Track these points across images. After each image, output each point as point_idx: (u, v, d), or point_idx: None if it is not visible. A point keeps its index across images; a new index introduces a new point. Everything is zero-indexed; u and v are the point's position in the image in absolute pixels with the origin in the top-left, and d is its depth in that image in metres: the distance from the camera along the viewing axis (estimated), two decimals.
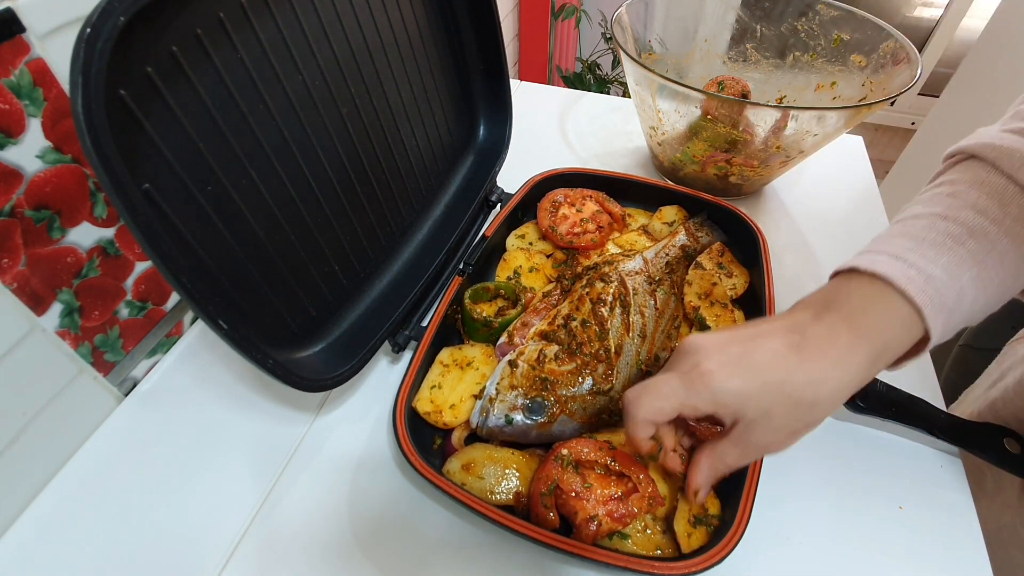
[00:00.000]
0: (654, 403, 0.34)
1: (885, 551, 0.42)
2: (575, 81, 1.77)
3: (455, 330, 0.53)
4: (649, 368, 0.48)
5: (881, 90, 0.64)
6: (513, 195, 0.61)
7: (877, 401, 0.46)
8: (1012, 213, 0.33)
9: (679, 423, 0.39)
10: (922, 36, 2.06)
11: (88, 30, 0.26)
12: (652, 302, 0.51)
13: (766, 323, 0.35)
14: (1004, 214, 0.33)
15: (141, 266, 0.48)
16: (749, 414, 0.33)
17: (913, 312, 0.32)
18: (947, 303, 0.32)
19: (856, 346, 0.32)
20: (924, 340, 0.33)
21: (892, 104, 0.66)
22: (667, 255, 0.56)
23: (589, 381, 0.45)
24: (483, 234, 0.58)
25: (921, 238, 0.33)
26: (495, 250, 0.59)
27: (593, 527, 0.38)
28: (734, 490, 0.39)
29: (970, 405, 0.58)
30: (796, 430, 0.33)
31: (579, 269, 0.56)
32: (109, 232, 0.45)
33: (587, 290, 0.50)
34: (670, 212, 0.62)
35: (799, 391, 0.32)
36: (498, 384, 0.45)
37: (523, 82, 0.92)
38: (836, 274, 0.36)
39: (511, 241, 0.61)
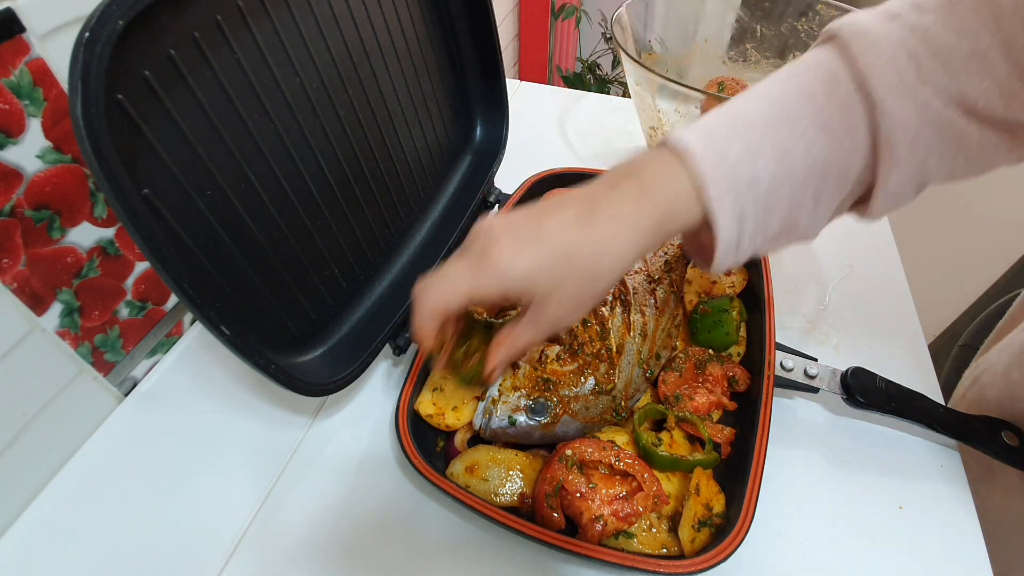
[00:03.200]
0: (442, 292, 0.32)
1: (885, 550, 0.42)
2: (575, 81, 1.77)
3: None
4: (651, 367, 0.48)
5: None
6: (511, 195, 0.61)
7: (877, 396, 0.46)
8: (835, 101, 0.31)
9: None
10: None
11: (87, 34, 0.26)
12: (652, 301, 0.51)
13: (565, 196, 0.34)
14: (826, 101, 0.31)
15: (141, 266, 0.48)
16: (540, 290, 0.32)
17: (696, 189, 0.31)
18: (736, 186, 0.31)
19: (640, 217, 0.32)
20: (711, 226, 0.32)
21: None
22: (666, 254, 0.56)
23: (591, 381, 0.45)
24: None
25: (735, 116, 0.32)
26: None
27: (599, 527, 0.38)
28: (738, 489, 0.39)
29: (962, 397, 0.58)
30: (583, 302, 0.33)
31: None
32: (109, 232, 0.45)
33: None
34: None
35: (585, 262, 0.32)
36: (500, 385, 0.45)
37: (523, 82, 0.92)
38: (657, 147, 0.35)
39: None
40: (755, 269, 0.55)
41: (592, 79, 1.78)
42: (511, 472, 0.41)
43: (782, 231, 0.33)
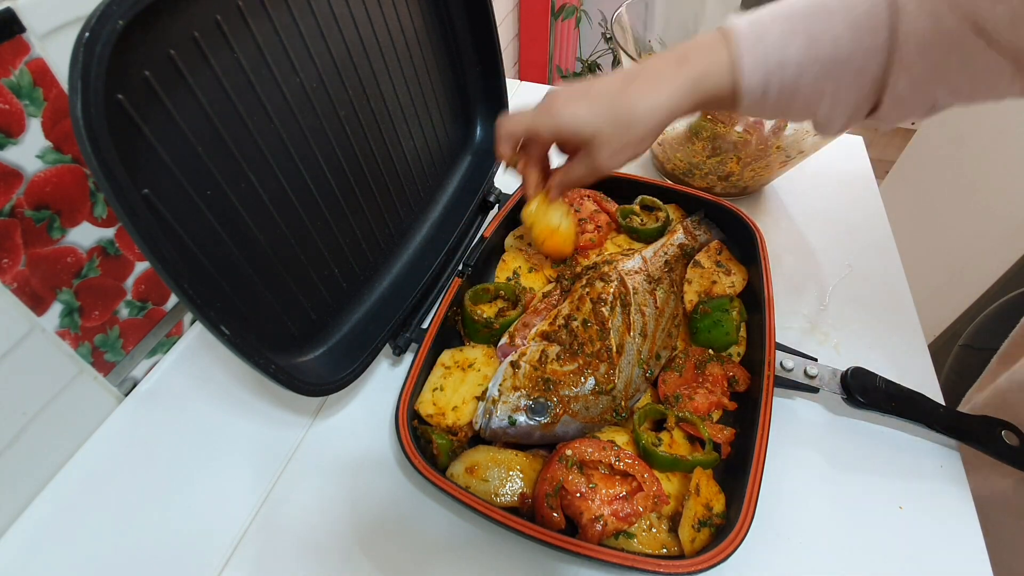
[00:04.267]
0: (512, 121, 0.45)
1: (884, 550, 0.42)
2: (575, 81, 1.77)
3: (456, 332, 0.53)
4: (651, 367, 0.48)
5: None
6: (511, 195, 0.61)
7: (877, 396, 0.46)
8: (866, 3, 0.34)
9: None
10: None
11: (87, 34, 0.26)
12: (652, 301, 0.51)
13: (623, 68, 0.45)
14: (860, 2, 0.35)
15: (141, 266, 0.48)
16: (585, 133, 0.41)
17: (732, 61, 0.37)
18: (767, 65, 0.36)
19: (675, 76, 0.39)
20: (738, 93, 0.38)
21: None
22: (666, 254, 0.56)
23: (591, 381, 0.45)
24: (482, 235, 0.57)
25: (782, 5, 0.37)
26: (494, 251, 0.59)
27: (599, 527, 0.38)
28: (738, 489, 0.39)
29: (978, 398, 0.58)
30: (622, 146, 0.41)
31: (578, 269, 0.56)
32: (109, 232, 0.45)
33: (587, 290, 0.50)
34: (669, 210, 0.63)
35: (621, 109, 0.40)
36: (500, 385, 0.45)
37: (523, 82, 0.92)
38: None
39: (510, 242, 0.61)
40: (755, 269, 0.55)
41: None
42: (511, 472, 0.41)
43: (802, 113, 0.39)
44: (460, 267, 0.55)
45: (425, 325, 0.50)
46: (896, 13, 0.33)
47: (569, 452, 0.40)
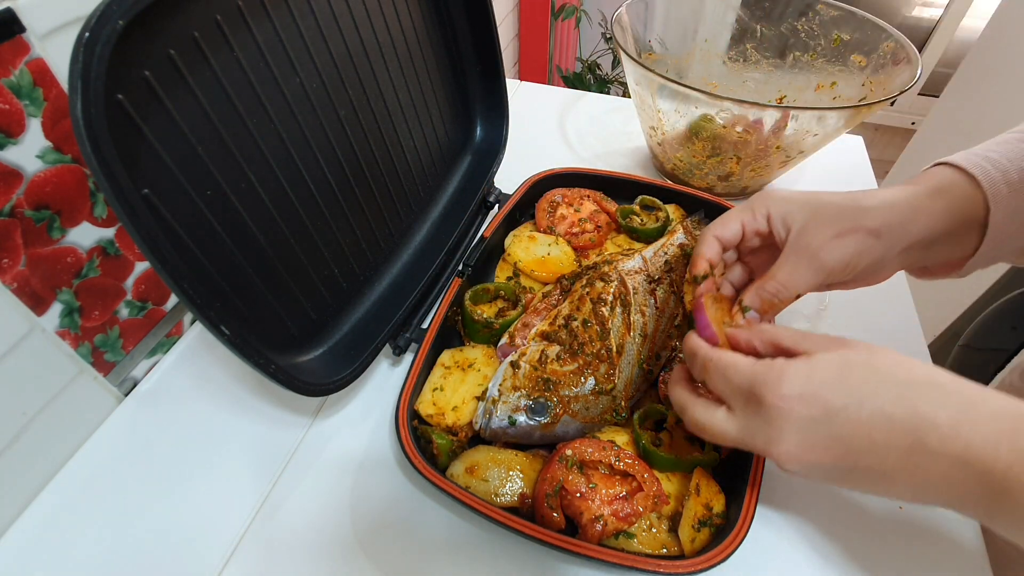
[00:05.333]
0: (720, 222, 0.40)
1: (885, 550, 0.42)
2: (575, 81, 1.77)
3: (456, 332, 0.53)
4: (651, 367, 0.48)
5: (881, 90, 0.64)
6: (511, 195, 0.61)
7: None
8: None
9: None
10: (922, 36, 2.06)
11: (87, 34, 0.26)
12: (652, 301, 0.51)
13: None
14: None
15: (141, 266, 0.48)
16: (800, 218, 0.36)
17: (969, 178, 0.35)
18: (1009, 177, 0.34)
19: (909, 186, 0.36)
20: (988, 215, 0.35)
21: (892, 104, 0.66)
22: (666, 254, 0.56)
23: (591, 381, 0.45)
24: (482, 235, 0.57)
25: (989, 143, 0.37)
26: (494, 251, 0.59)
27: (599, 527, 0.38)
28: (738, 489, 0.39)
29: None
30: (848, 229, 0.35)
31: (578, 269, 0.56)
32: (109, 232, 0.45)
33: (587, 290, 0.50)
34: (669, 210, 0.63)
35: (849, 197, 0.36)
36: (500, 385, 0.45)
37: (523, 82, 0.92)
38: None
39: (509, 241, 0.61)
40: None
41: (592, 79, 1.78)
42: (511, 472, 0.41)
43: None
44: (460, 267, 0.55)
45: (425, 325, 0.50)
46: None
47: (569, 452, 0.41)
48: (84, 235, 0.43)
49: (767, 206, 0.38)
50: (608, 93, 1.16)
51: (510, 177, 0.64)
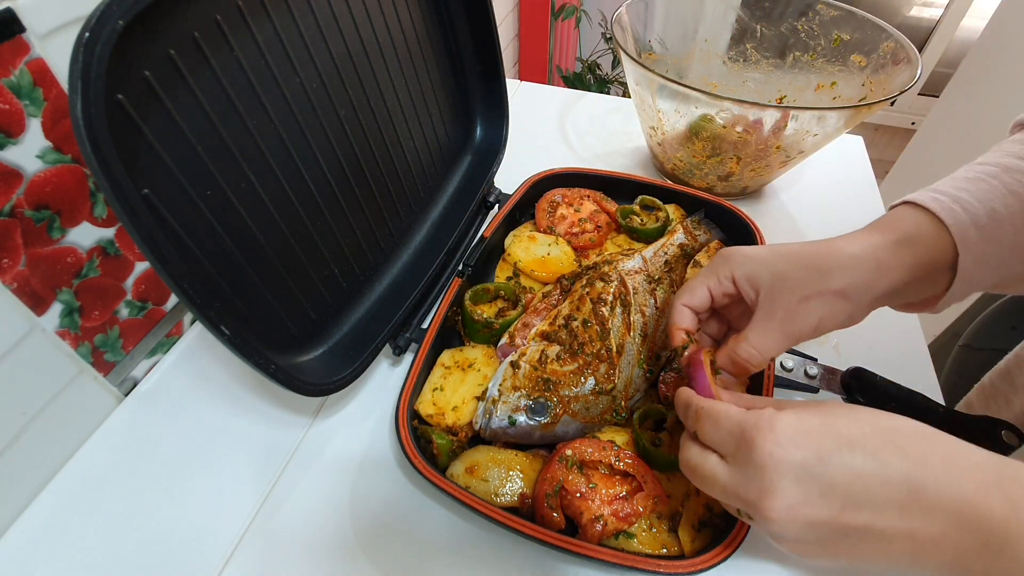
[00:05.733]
0: (687, 291, 0.40)
1: None
2: (575, 81, 1.77)
3: (456, 332, 0.53)
4: (651, 367, 0.48)
5: (881, 90, 0.64)
6: (511, 195, 0.61)
7: (876, 396, 0.46)
8: None
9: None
10: (922, 36, 2.06)
11: (87, 34, 0.26)
12: (652, 301, 0.51)
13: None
14: None
15: (141, 266, 0.48)
16: (766, 279, 0.36)
17: (937, 222, 0.34)
18: (978, 221, 0.33)
19: (875, 235, 0.35)
20: (957, 260, 0.34)
21: (892, 104, 0.66)
22: (666, 254, 0.56)
23: (591, 381, 0.45)
24: (482, 235, 0.57)
25: (958, 176, 0.36)
26: (494, 251, 0.59)
27: (599, 527, 0.38)
28: None
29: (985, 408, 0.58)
30: (815, 293, 0.35)
31: (578, 269, 0.56)
32: (109, 232, 0.45)
33: (587, 290, 0.50)
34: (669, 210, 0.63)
35: (813, 256, 0.35)
36: (500, 385, 0.45)
37: (523, 82, 0.92)
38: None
39: (509, 241, 0.61)
40: None
41: (592, 79, 1.78)
42: (511, 472, 0.41)
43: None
44: (460, 267, 0.55)
45: (425, 325, 0.50)
46: None
47: (569, 452, 0.40)
48: (84, 235, 0.43)
49: (731, 269, 0.38)
50: (608, 93, 1.16)
51: (510, 177, 0.64)
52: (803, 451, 0.29)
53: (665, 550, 0.38)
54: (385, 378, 0.53)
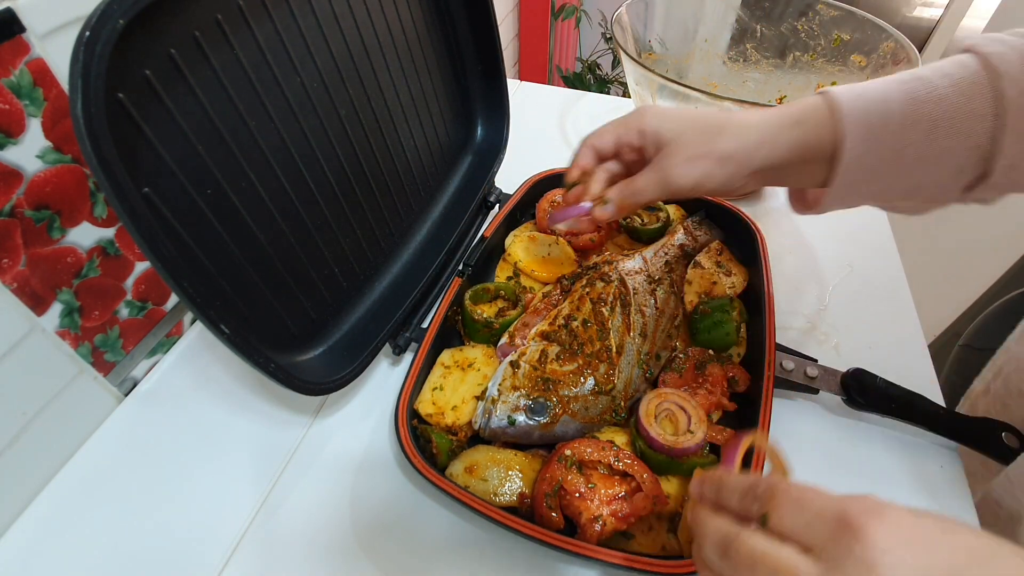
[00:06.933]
0: (596, 133, 0.43)
1: None
2: (575, 81, 1.77)
3: (456, 331, 0.53)
4: (651, 367, 0.48)
5: None
6: (511, 195, 0.61)
7: (877, 397, 0.46)
8: (966, 76, 0.33)
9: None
10: (922, 36, 2.06)
11: (87, 33, 0.26)
12: (652, 301, 0.51)
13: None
14: (956, 69, 0.34)
15: (141, 266, 0.48)
16: (666, 135, 0.39)
17: (831, 110, 0.35)
18: (870, 117, 0.34)
19: (772, 113, 0.38)
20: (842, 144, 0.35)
21: None
22: (666, 254, 0.56)
23: (591, 381, 0.45)
24: (482, 235, 0.57)
25: (880, 79, 0.36)
26: (494, 251, 0.59)
27: (598, 527, 0.38)
28: None
29: (974, 401, 0.58)
30: (698, 156, 0.38)
31: (578, 269, 0.56)
32: (109, 232, 0.45)
33: (587, 290, 0.50)
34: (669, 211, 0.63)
35: (709, 120, 0.38)
36: (500, 385, 0.45)
37: (523, 82, 0.92)
38: None
39: (510, 241, 0.61)
40: (755, 270, 0.55)
41: (592, 79, 1.78)
42: (510, 472, 0.41)
43: (905, 179, 0.35)
44: (460, 267, 0.55)
45: (425, 324, 0.50)
46: (998, 77, 0.32)
47: (568, 452, 0.40)
48: (84, 235, 0.43)
49: (642, 123, 0.40)
50: (608, 93, 1.16)
51: (510, 177, 0.64)
52: (929, 557, 0.22)
53: (664, 550, 0.38)
54: (385, 377, 0.53)
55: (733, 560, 0.26)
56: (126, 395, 0.50)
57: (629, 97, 0.78)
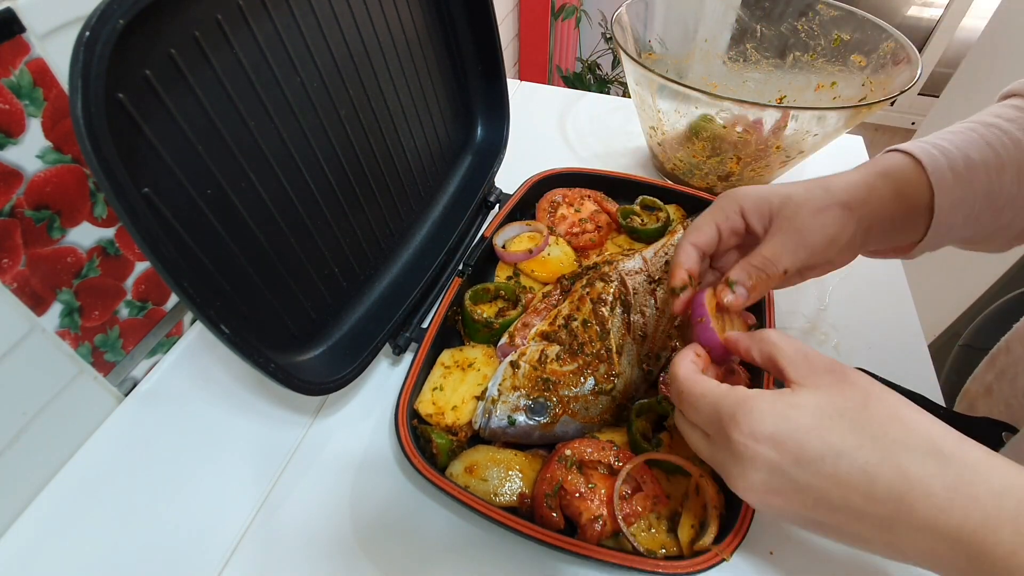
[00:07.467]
0: (694, 229, 0.39)
1: None
2: (575, 81, 1.77)
3: (456, 331, 0.53)
4: (650, 368, 0.48)
5: (881, 90, 0.64)
6: (511, 195, 0.61)
7: None
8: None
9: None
10: (922, 36, 2.06)
11: (87, 33, 0.26)
12: (652, 301, 0.51)
13: None
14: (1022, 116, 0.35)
15: (141, 266, 0.48)
16: (774, 202, 0.37)
17: (916, 163, 0.36)
18: (954, 165, 0.35)
19: (861, 169, 0.38)
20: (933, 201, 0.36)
21: (892, 104, 0.66)
22: (666, 254, 0.56)
23: (591, 381, 0.45)
24: (482, 235, 0.57)
25: (941, 130, 0.38)
26: (494, 251, 0.59)
27: (598, 527, 0.38)
28: None
29: (972, 400, 0.58)
30: (824, 206, 0.36)
31: (578, 269, 0.56)
32: (109, 232, 0.45)
33: (587, 290, 0.50)
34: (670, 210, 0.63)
35: (813, 182, 0.38)
36: (500, 385, 0.45)
37: (523, 82, 0.92)
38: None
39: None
40: None
41: (592, 79, 1.78)
42: (510, 472, 0.41)
43: (994, 205, 0.36)
44: (460, 267, 0.55)
45: (425, 324, 0.50)
46: None
47: (568, 452, 0.40)
48: (84, 235, 0.43)
49: (739, 202, 0.38)
50: (608, 93, 1.16)
51: (510, 177, 0.64)
52: (780, 454, 0.28)
53: (664, 550, 0.38)
54: (385, 377, 0.53)
55: (677, 423, 0.35)
56: (126, 395, 0.50)
57: (629, 97, 0.78)
